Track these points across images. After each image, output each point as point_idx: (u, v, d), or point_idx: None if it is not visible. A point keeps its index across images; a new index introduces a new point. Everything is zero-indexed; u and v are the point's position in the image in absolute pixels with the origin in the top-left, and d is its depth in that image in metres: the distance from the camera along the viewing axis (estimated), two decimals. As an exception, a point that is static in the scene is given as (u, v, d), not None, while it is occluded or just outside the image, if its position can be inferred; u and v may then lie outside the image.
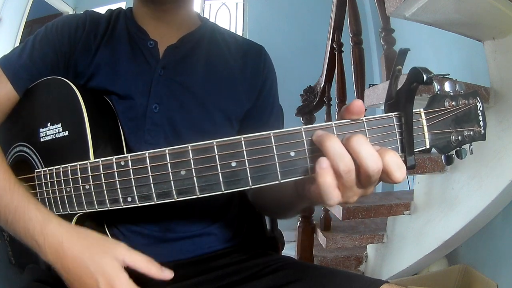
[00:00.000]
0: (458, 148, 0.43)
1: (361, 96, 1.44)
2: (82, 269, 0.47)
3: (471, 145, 0.43)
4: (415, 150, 0.40)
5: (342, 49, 1.76)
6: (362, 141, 0.38)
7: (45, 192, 0.56)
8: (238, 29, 3.56)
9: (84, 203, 0.51)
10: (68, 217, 0.54)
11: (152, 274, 0.50)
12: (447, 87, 0.42)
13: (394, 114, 0.41)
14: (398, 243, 1.60)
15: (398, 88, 0.41)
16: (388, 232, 1.66)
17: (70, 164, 0.52)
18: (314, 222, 1.80)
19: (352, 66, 1.55)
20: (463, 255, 1.58)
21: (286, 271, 0.64)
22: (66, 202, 0.53)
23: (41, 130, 0.59)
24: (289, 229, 1.42)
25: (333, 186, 0.39)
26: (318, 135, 0.39)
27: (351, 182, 0.39)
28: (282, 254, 0.81)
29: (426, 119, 0.42)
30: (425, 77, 0.37)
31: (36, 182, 0.58)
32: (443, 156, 0.43)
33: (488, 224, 1.34)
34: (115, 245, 0.50)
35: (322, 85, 1.89)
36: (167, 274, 0.50)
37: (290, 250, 1.65)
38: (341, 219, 1.52)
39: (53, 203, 0.55)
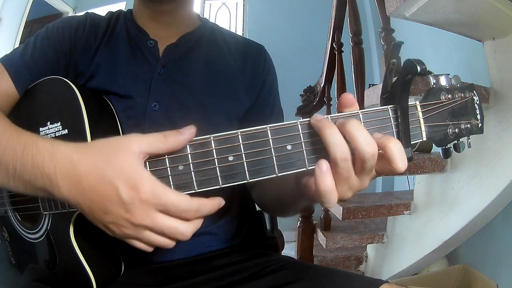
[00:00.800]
0: (456, 142, 0.43)
1: (361, 96, 1.44)
2: (98, 180, 0.41)
3: (469, 139, 0.43)
4: (412, 142, 0.40)
5: (342, 49, 1.76)
6: (357, 125, 0.38)
7: None
8: (238, 29, 3.56)
9: None
10: (68, 215, 0.54)
11: (178, 145, 0.42)
12: (442, 81, 0.42)
13: (390, 107, 0.41)
14: (398, 243, 1.60)
15: (393, 81, 0.42)
16: (388, 232, 1.66)
17: None
18: (314, 222, 1.80)
19: (352, 66, 1.55)
20: (463, 255, 1.58)
21: (286, 271, 0.64)
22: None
23: (41, 129, 0.59)
24: (289, 229, 1.42)
25: (333, 189, 0.39)
26: (317, 120, 0.40)
27: (348, 172, 0.39)
28: (282, 254, 0.81)
29: (422, 111, 0.42)
30: (418, 68, 0.38)
31: None
32: (440, 149, 0.43)
33: (488, 224, 1.34)
34: (127, 138, 0.43)
35: (322, 85, 1.90)
36: (187, 132, 0.42)
37: (290, 250, 1.65)
38: (341, 219, 1.52)
39: (52, 201, 0.55)
